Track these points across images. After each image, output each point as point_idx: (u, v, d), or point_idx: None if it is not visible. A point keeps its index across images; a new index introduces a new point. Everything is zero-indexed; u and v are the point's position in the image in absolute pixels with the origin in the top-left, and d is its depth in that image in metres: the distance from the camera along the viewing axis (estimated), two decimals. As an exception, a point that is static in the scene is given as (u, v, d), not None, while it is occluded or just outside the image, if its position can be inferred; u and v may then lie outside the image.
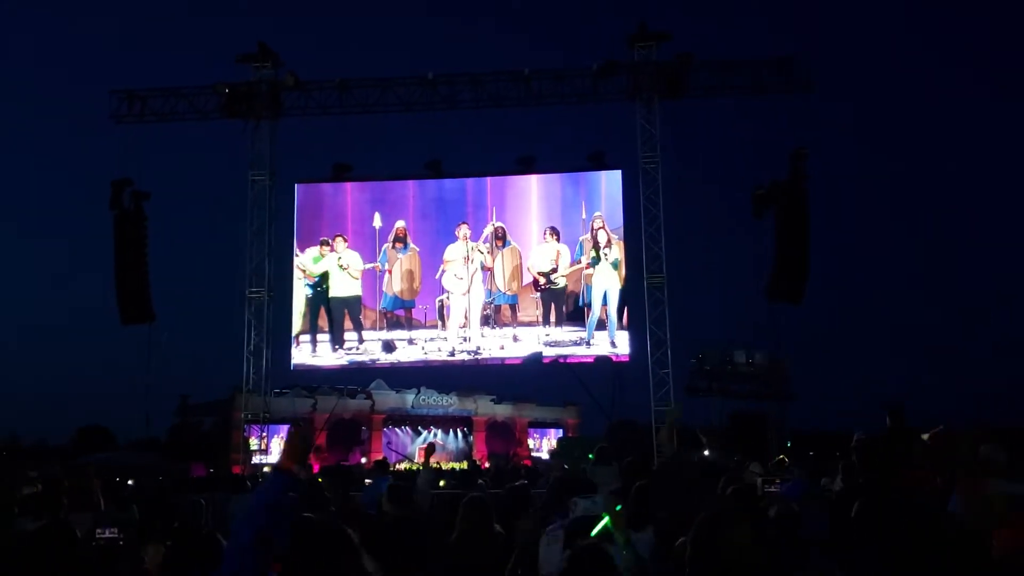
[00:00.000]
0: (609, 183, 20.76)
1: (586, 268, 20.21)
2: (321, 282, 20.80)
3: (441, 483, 13.38)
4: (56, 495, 5.62)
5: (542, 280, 20.29)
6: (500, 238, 20.64)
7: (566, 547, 3.66)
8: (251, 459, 21.32)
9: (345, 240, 20.90)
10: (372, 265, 20.77)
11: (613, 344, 19.90)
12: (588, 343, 19.93)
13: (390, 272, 20.71)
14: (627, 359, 19.85)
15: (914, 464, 5.85)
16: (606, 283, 20.14)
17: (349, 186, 21.40)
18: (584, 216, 20.55)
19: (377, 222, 20.94)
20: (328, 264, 20.83)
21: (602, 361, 19.51)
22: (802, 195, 18.35)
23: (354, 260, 20.82)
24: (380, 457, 20.77)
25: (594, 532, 3.43)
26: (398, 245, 20.79)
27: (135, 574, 3.77)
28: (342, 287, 20.78)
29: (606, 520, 3.46)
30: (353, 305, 20.70)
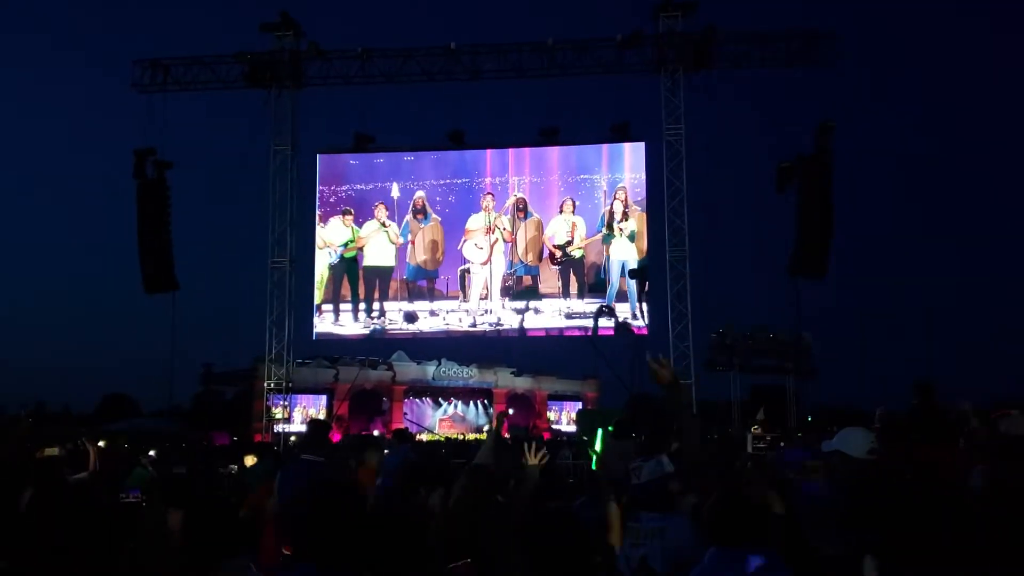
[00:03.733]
0: (632, 155, 20.60)
1: (599, 240, 20.14)
2: (349, 250, 20.87)
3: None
4: (85, 457, 5.72)
5: (558, 253, 20.27)
6: (521, 210, 20.60)
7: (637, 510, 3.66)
8: (273, 428, 21.55)
9: (386, 208, 20.93)
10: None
11: (634, 316, 19.85)
12: (610, 314, 19.83)
13: (413, 243, 20.74)
14: (645, 332, 19.80)
15: (940, 440, 5.82)
16: (623, 255, 20.07)
17: (371, 156, 21.38)
18: (606, 188, 20.44)
19: (395, 192, 20.95)
20: (370, 230, 20.89)
21: (622, 330, 19.44)
22: (827, 169, 18.12)
23: (394, 228, 20.92)
24: (401, 427, 20.93)
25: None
26: (419, 216, 20.80)
27: (159, 533, 3.81)
28: (379, 256, 20.84)
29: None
30: (385, 275, 20.77)
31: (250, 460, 9.49)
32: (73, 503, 3.25)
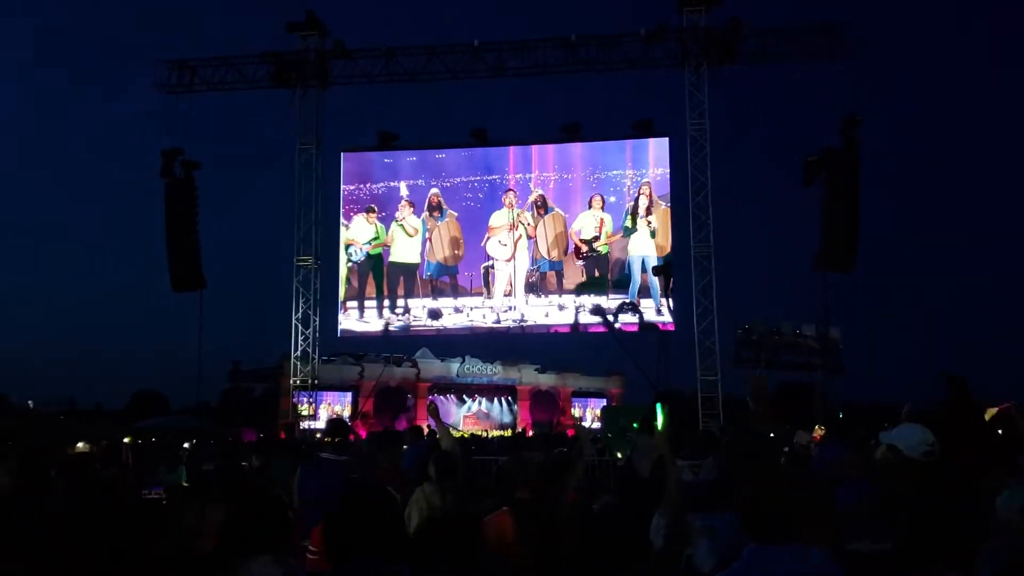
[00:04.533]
0: (656, 151, 20.53)
1: (620, 237, 20.09)
2: (374, 248, 20.97)
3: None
4: (116, 453, 5.81)
5: (584, 248, 20.23)
6: (541, 206, 20.59)
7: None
8: (300, 425, 21.68)
9: (411, 205, 21.04)
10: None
11: (659, 312, 19.77)
12: (633, 310, 19.78)
13: (430, 240, 20.81)
14: (672, 327, 19.72)
15: (972, 436, 5.73)
16: (644, 251, 20.00)
17: (395, 154, 21.45)
18: (630, 184, 20.37)
19: (403, 191, 21.08)
20: (395, 228, 20.99)
21: (647, 328, 19.38)
22: (854, 162, 17.96)
23: (415, 222, 20.99)
24: (423, 424, 21.01)
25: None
26: (435, 213, 20.86)
27: (197, 528, 3.85)
28: (403, 253, 20.93)
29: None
30: (410, 272, 20.86)
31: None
32: (103, 499, 3.31)
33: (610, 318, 19.19)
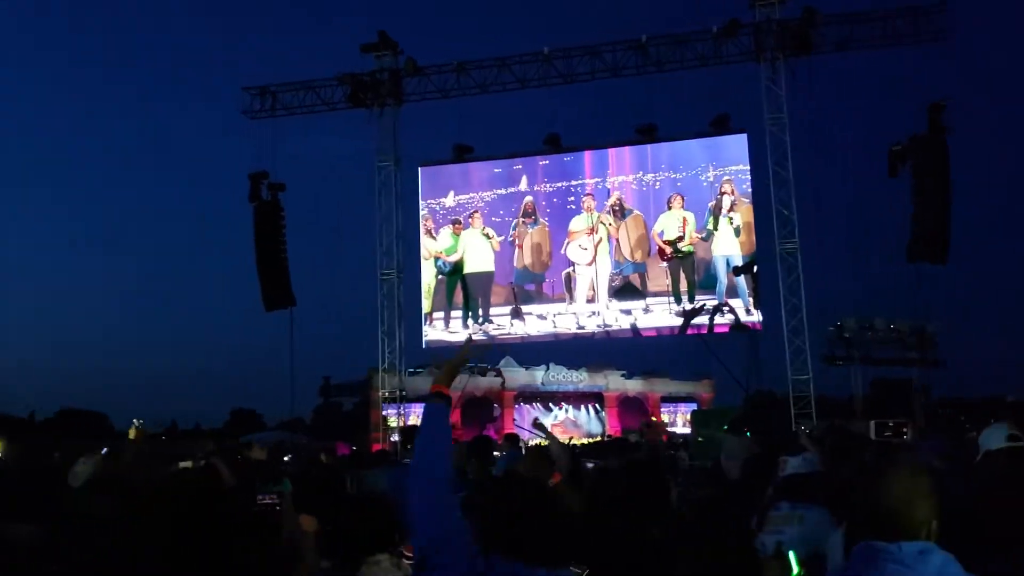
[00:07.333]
0: (735, 147, 20.17)
1: (701, 239, 19.77)
2: (456, 259, 21.21)
3: None
4: (215, 469, 5.98)
5: (668, 249, 19.97)
6: (618, 210, 20.45)
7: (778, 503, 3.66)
8: (390, 436, 22.05)
9: (482, 216, 21.25)
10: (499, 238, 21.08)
11: (748, 311, 19.36)
12: (724, 311, 19.42)
13: (520, 247, 20.87)
14: (759, 327, 19.31)
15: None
16: (728, 250, 19.62)
17: (471, 166, 21.66)
18: (712, 181, 20.03)
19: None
20: (469, 238, 21.20)
21: (739, 329, 19.01)
22: (942, 149, 17.31)
23: (493, 233, 21.19)
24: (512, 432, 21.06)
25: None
26: (527, 220, 20.92)
27: (295, 534, 3.97)
28: (478, 262, 21.11)
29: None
30: (486, 281, 21.02)
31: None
32: (227, 511, 3.42)
33: (703, 320, 18.91)
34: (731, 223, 19.61)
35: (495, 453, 8.85)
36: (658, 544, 3.47)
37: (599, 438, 32.93)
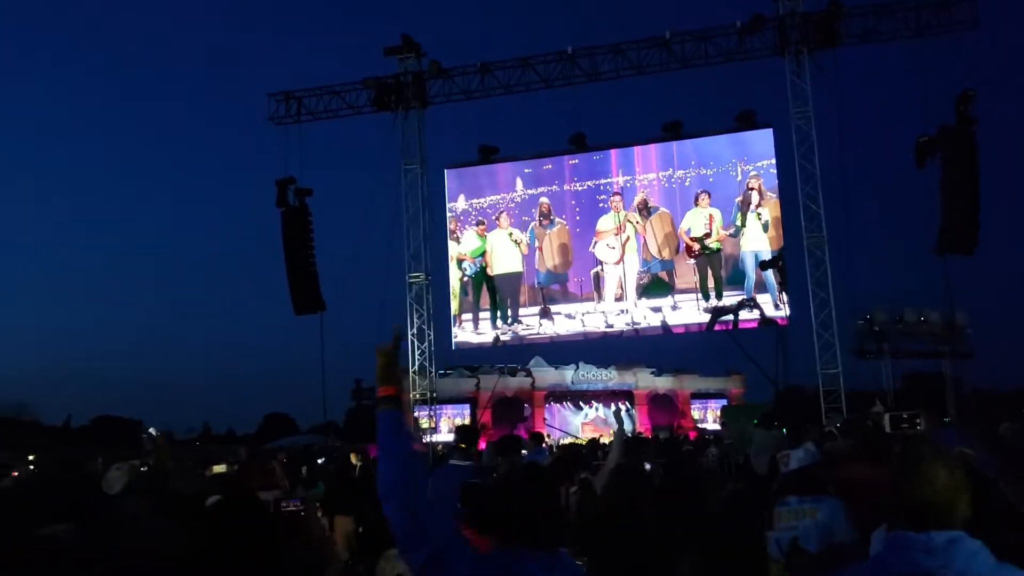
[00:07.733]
0: (761, 142, 20.07)
1: (729, 235, 19.68)
2: (482, 261, 21.29)
3: None
4: (245, 475, 6.08)
5: (696, 246, 19.92)
6: (644, 209, 20.43)
7: (784, 498, 3.70)
8: (422, 438, 22.18)
9: (510, 217, 21.33)
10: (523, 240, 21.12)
11: (777, 307, 19.26)
12: (751, 307, 19.33)
13: (540, 249, 20.94)
14: (785, 322, 19.21)
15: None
16: (756, 246, 19.54)
17: (497, 167, 21.74)
18: (740, 177, 19.95)
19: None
20: (495, 239, 21.29)
21: (767, 324, 18.91)
22: (970, 140, 17.11)
23: (519, 235, 21.27)
24: (538, 431, 21.12)
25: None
26: (544, 222, 20.98)
27: (319, 538, 4.06)
28: (506, 263, 21.19)
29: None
30: (514, 282, 21.10)
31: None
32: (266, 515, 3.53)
33: (729, 316, 18.83)
34: (759, 218, 19.53)
35: (523, 452, 8.95)
36: (660, 540, 3.52)
37: (629, 435, 32.85)
